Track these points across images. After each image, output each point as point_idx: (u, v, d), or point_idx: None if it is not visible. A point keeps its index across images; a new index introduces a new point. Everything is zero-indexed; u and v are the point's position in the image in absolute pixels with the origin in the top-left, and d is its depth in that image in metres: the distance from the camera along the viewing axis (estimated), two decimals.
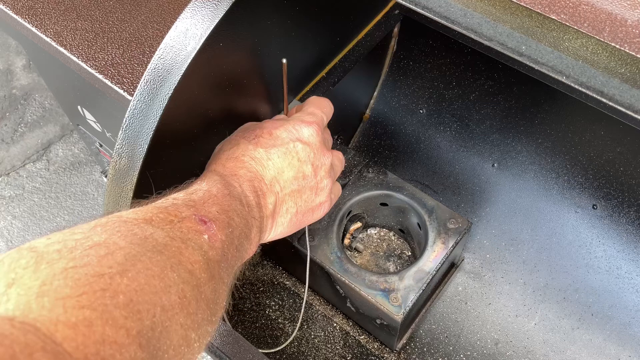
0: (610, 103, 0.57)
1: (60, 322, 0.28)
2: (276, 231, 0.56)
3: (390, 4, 0.74)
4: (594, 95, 0.57)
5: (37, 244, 0.32)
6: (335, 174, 0.61)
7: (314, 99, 0.63)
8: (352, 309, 0.70)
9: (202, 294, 0.39)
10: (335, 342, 0.73)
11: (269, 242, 0.59)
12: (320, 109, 0.61)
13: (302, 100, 0.68)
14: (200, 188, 0.47)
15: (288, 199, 0.54)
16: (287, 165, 0.54)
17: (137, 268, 0.34)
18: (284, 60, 0.55)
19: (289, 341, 0.70)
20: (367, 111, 0.89)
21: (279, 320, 0.74)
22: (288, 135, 0.55)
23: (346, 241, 0.75)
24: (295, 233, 0.62)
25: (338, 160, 0.62)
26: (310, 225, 0.68)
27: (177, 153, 0.52)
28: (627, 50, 0.55)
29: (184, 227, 0.41)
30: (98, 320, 0.29)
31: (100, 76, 0.70)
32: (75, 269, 0.31)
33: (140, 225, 0.38)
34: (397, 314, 0.63)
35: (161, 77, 0.47)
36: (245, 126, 0.58)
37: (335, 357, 0.72)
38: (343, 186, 0.73)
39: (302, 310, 0.70)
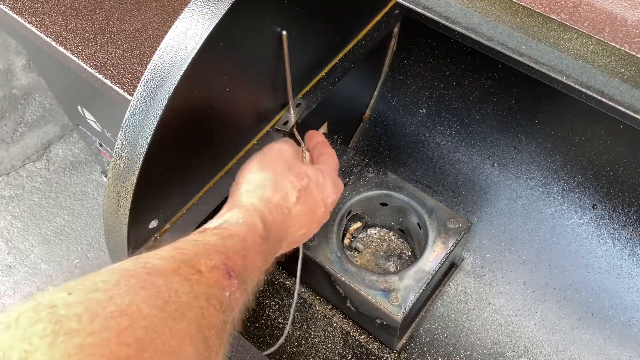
0: (611, 103, 0.57)
1: None
2: None
3: (390, 4, 0.74)
4: (594, 95, 0.57)
5: (57, 301, 0.31)
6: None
7: (334, 155, 0.65)
8: (352, 309, 0.70)
9: None
10: (335, 342, 0.73)
11: None
12: (336, 170, 0.65)
13: (303, 98, 0.68)
14: (237, 233, 0.48)
15: (285, 246, 0.57)
16: (306, 225, 0.58)
17: (155, 345, 0.33)
18: (284, 32, 0.54)
19: (281, 340, 0.69)
20: (367, 111, 0.89)
21: (279, 320, 0.74)
22: (321, 197, 0.59)
23: (346, 241, 0.75)
24: None
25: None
26: None
27: (177, 153, 0.52)
28: (627, 50, 0.55)
29: (210, 279, 0.41)
30: None
31: (100, 76, 0.70)
32: (92, 348, 0.30)
33: (167, 277, 0.38)
34: (397, 314, 0.63)
35: (161, 77, 0.47)
36: (288, 160, 0.59)
37: (335, 357, 0.72)
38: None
39: (293, 306, 0.68)
